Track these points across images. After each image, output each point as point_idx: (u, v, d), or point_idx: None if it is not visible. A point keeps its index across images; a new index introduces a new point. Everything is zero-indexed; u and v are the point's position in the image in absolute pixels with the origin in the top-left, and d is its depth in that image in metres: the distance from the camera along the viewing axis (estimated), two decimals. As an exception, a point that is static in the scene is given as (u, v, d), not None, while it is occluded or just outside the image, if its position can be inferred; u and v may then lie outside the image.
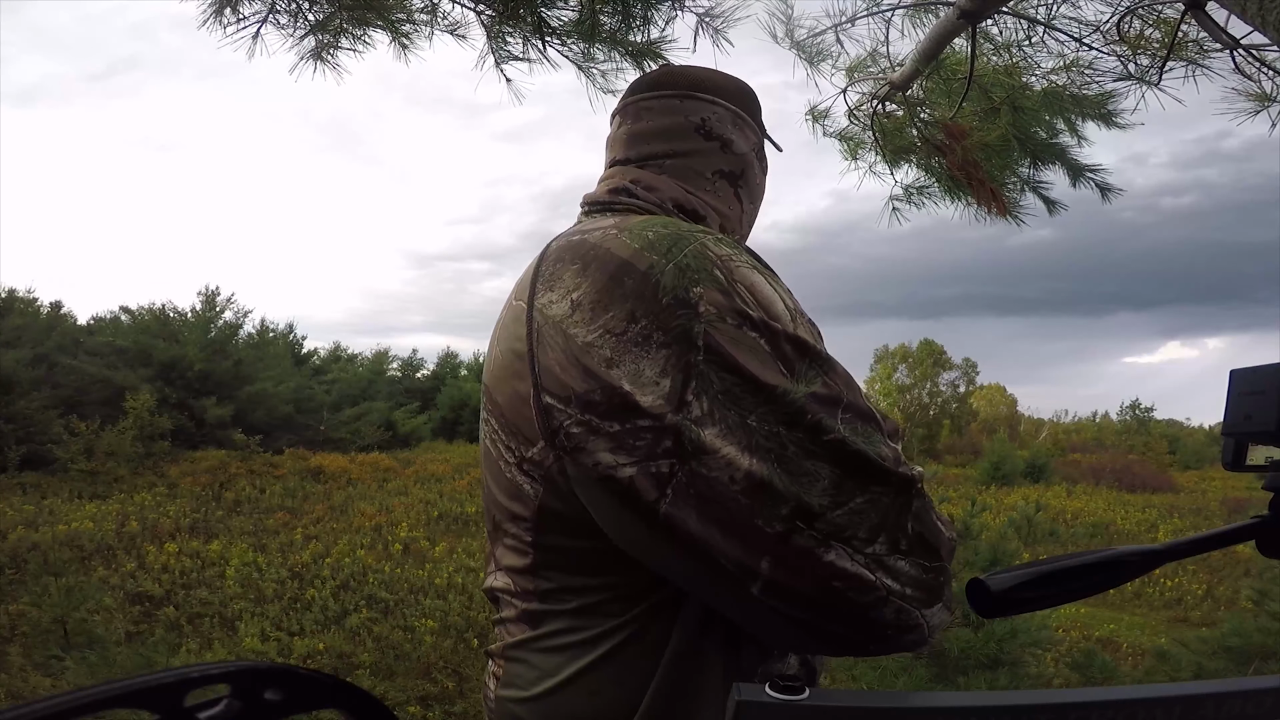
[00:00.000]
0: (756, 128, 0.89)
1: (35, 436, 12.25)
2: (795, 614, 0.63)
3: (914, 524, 0.64)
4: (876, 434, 0.65)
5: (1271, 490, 0.58)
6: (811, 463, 0.60)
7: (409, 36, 2.19)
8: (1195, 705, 0.51)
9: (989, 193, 2.49)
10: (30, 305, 16.02)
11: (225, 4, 2.01)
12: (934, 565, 0.65)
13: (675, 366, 0.60)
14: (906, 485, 0.64)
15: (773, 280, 0.68)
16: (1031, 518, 4.19)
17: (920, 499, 0.65)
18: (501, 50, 2.18)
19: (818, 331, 0.69)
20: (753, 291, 0.64)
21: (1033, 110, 2.43)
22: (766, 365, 0.61)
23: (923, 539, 0.65)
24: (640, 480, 0.60)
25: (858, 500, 0.61)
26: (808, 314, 0.70)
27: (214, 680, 0.36)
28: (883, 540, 0.62)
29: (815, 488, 0.60)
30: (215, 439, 14.43)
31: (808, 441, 0.60)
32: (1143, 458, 23.44)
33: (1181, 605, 9.40)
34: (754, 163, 0.88)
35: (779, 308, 0.65)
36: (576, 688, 0.71)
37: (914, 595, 0.64)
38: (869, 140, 2.76)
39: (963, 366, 31.46)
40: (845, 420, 0.63)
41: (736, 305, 0.62)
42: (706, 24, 2.07)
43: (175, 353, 15.07)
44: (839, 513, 0.60)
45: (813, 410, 0.61)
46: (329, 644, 6.28)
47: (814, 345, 0.65)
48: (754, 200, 0.90)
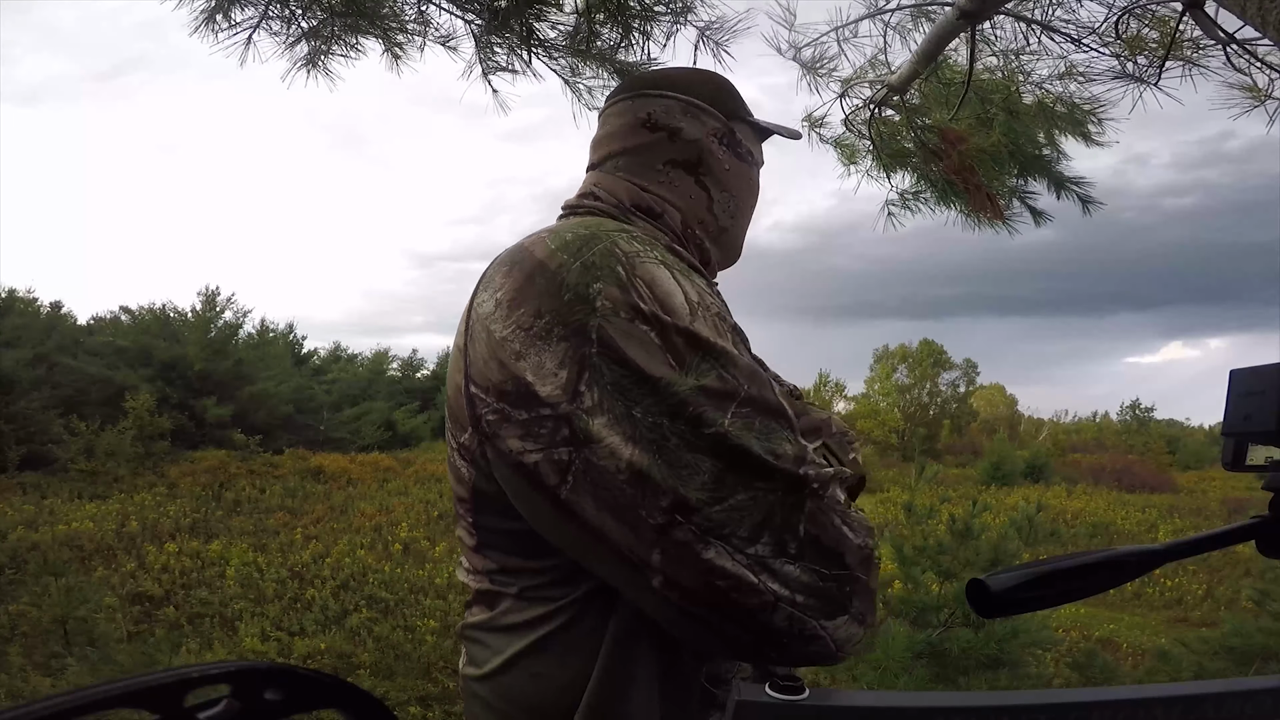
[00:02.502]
0: (722, 115, 0.86)
1: (35, 436, 12.26)
2: (693, 611, 0.63)
3: (807, 526, 0.62)
4: (781, 430, 0.63)
5: (1271, 490, 0.57)
6: (692, 455, 0.60)
7: (401, 46, 2.20)
8: (1195, 705, 0.51)
9: (984, 198, 2.49)
10: (30, 305, 16.03)
11: (217, 10, 2.01)
12: (836, 574, 0.63)
13: (572, 359, 0.62)
14: (796, 484, 0.62)
15: (681, 275, 0.68)
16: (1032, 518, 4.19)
17: (816, 500, 0.62)
18: (489, 61, 2.18)
19: (728, 327, 0.68)
20: (651, 287, 0.65)
21: (1026, 118, 2.45)
22: (654, 358, 0.62)
23: (818, 543, 0.62)
24: (544, 466, 0.63)
25: (739, 496, 0.60)
26: (730, 317, 0.70)
27: (214, 680, 0.36)
28: (766, 541, 0.61)
29: (694, 481, 0.60)
30: (215, 439, 14.44)
31: (689, 434, 0.61)
32: (1143, 458, 23.44)
33: (1182, 605, 9.41)
34: (714, 148, 0.85)
35: (676, 301, 0.65)
36: (520, 670, 0.73)
37: (808, 604, 0.62)
38: (865, 147, 2.77)
39: (963, 367, 31.49)
40: (739, 415, 0.62)
41: (631, 300, 0.63)
42: (708, 38, 2.06)
43: (175, 353, 15.08)
44: (718, 508, 0.60)
45: (696, 403, 0.61)
46: (329, 644, 6.28)
47: (708, 339, 0.64)
48: (727, 186, 0.86)
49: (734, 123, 0.88)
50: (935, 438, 28.60)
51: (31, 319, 15.31)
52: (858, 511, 0.69)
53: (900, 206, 2.90)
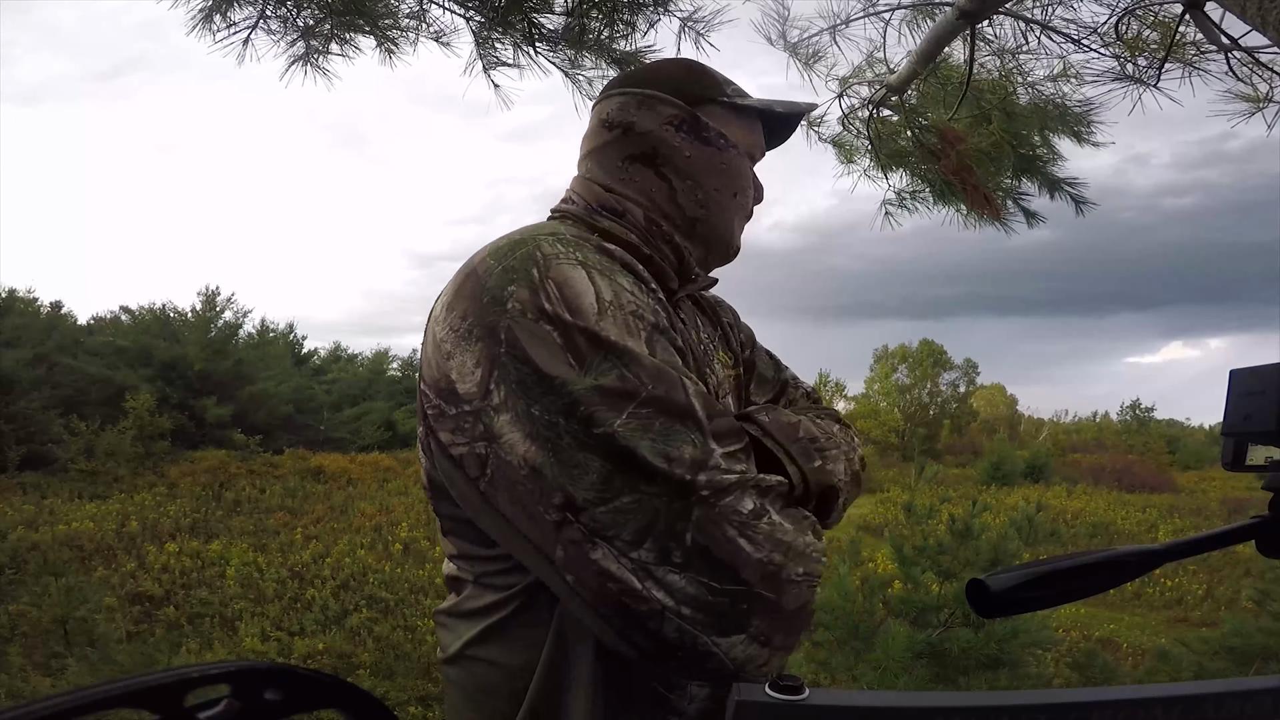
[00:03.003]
0: (684, 101, 0.84)
1: (35, 436, 12.26)
2: (601, 613, 0.63)
3: (695, 535, 0.60)
4: (685, 432, 0.62)
5: (1271, 490, 0.57)
6: (583, 455, 0.61)
7: (395, 43, 2.21)
8: (1195, 705, 0.51)
9: (982, 197, 2.50)
10: (30, 305, 16.03)
11: (215, 10, 2.01)
12: (728, 589, 0.60)
13: (485, 358, 0.65)
14: (683, 490, 0.60)
15: (600, 275, 0.68)
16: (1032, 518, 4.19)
17: (705, 508, 0.60)
18: (490, 56, 2.20)
19: (646, 325, 0.67)
20: (561, 287, 0.66)
21: (1023, 118, 2.45)
22: (555, 357, 0.63)
23: (707, 554, 0.60)
24: (468, 460, 0.67)
25: (624, 499, 0.60)
26: (652, 315, 0.69)
27: (214, 680, 0.36)
28: (649, 546, 0.60)
29: (583, 480, 0.61)
30: (215, 439, 14.44)
31: (581, 433, 0.61)
32: (1143, 458, 23.45)
33: (1182, 605, 9.41)
34: (670, 136, 0.82)
35: (584, 301, 0.65)
36: (476, 654, 0.76)
37: (694, 617, 0.60)
38: (863, 146, 2.78)
39: (963, 367, 31.50)
40: (637, 415, 0.61)
41: (539, 301, 0.65)
42: (689, 28, 2.08)
43: (175, 353, 15.08)
44: (603, 509, 0.61)
45: (589, 402, 0.61)
46: (329, 644, 6.28)
47: (610, 338, 0.64)
48: (691, 174, 0.83)
49: (702, 107, 0.85)
50: (935, 438, 28.60)
51: (31, 319, 15.31)
52: (797, 525, 0.66)
53: (898, 206, 2.90)
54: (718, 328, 0.95)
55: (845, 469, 0.79)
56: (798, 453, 0.73)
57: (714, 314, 0.96)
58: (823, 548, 0.69)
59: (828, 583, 4.04)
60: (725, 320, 0.97)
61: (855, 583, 4.11)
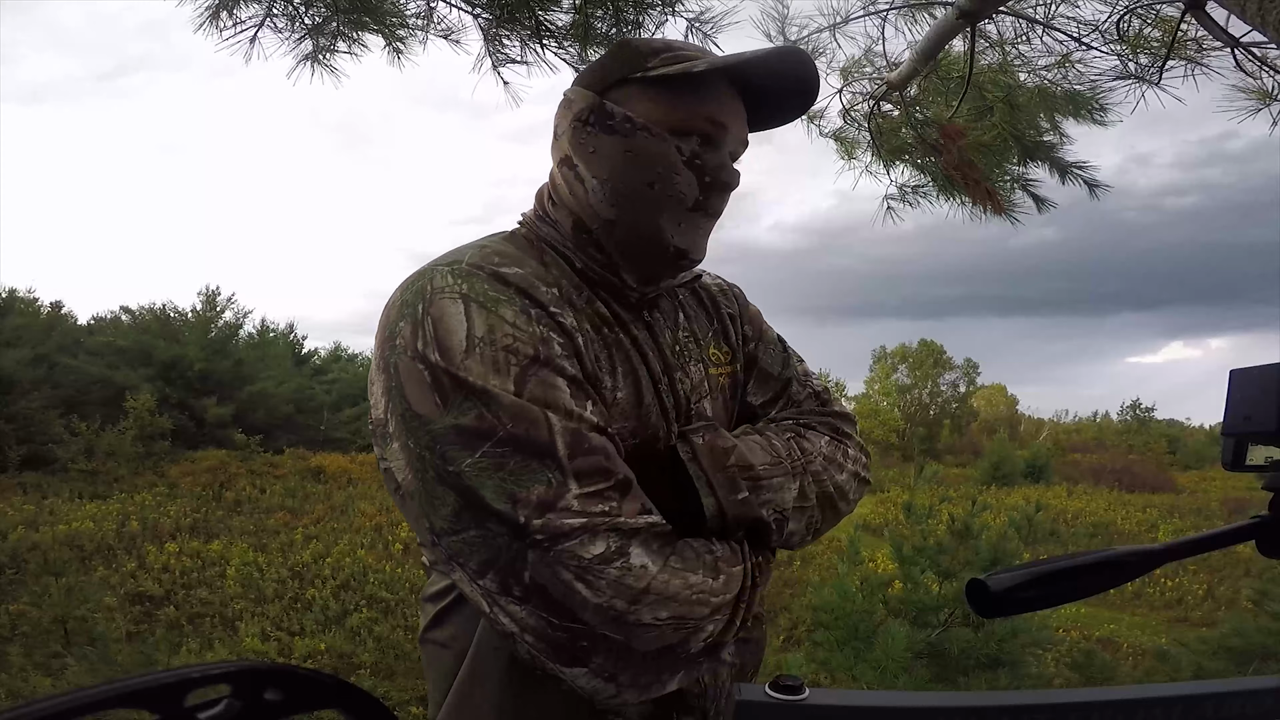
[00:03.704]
0: (594, 90, 0.77)
1: (35, 436, 12.26)
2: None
3: (533, 574, 0.62)
4: (541, 472, 0.63)
5: (1271, 490, 0.57)
6: (441, 488, 0.65)
7: (404, 41, 2.21)
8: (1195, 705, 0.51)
9: (984, 192, 2.50)
10: (30, 305, 16.03)
11: (221, 8, 2.02)
12: (569, 626, 0.63)
13: (384, 390, 0.69)
14: (518, 532, 0.62)
15: (480, 309, 0.68)
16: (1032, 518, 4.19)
17: (540, 551, 0.62)
18: (499, 54, 2.20)
19: (522, 360, 0.66)
20: (436, 324, 0.67)
21: (1026, 107, 2.44)
22: (424, 395, 0.66)
23: (544, 593, 0.62)
24: (388, 475, 0.71)
25: (471, 532, 0.64)
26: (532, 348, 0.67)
27: (214, 680, 0.36)
28: (492, 578, 0.64)
29: (440, 512, 0.65)
30: (215, 439, 14.43)
31: (439, 468, 0.65)
32: (1143, 458, 23.45)
33: (1182, 605, 9.41)
34: (577, 133, 0.77)
35: (453, 340, 0.66)
36: (429, 640, 0.81)
37: (536, 645, 0.64)
38: (864, 140, 2.77)
39: (963, 367, 31.51)
40: (490, 454, 0.63)
41: (415, 339, 0.67)
42: (696, 28, 2.08)
43: (176, 353, 15.08)
44: (454, 539, 0.65)
45: (445, 441, 0.64)
46: (330, 644, 6.28)
47: (469, 380, 0.64)
48: (597, 170, 0.76)
49: (613, 91, 0.77)
50: (935, 438, 28.60)
51: (32, 319, 15.32)
52: (684, 564, 0.66)
53: (900, 201, 2.90)
54: (714, 320, 0.90)
55: (796, 495, 0.76)
56: (720, 482, 0.71)
57: (714, 305, 0.91)
58: (720, 587, 0.68)
59: (827, 583, 4.04)
60: (727, 311, 0.91)
61: (855, 583, 4.11)
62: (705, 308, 0.90)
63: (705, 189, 0.77)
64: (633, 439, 0.75)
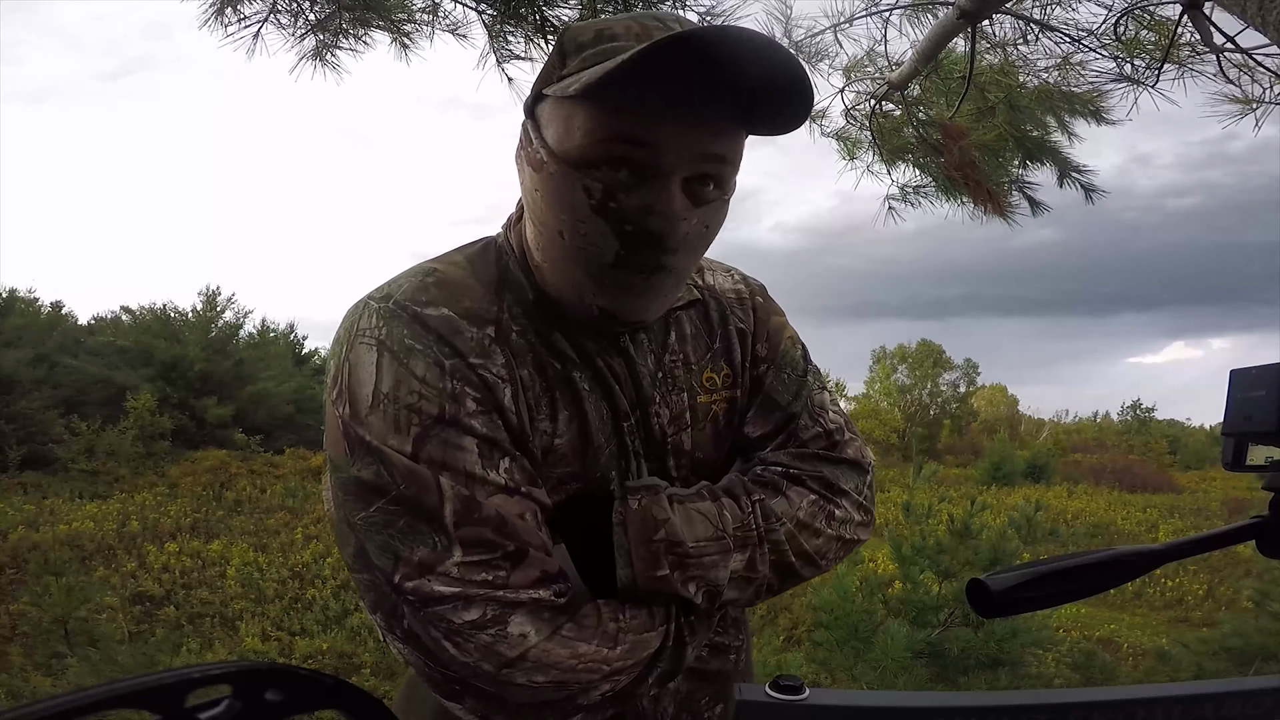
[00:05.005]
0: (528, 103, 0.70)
1: (36, 436, 12.26)
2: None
3: (410, 623, 0.64)
4: (426, 536, 0.62)
5: (1271, 490, 0.57)
6: (345, 528, 0.67)
7: (410, 36, 2.21)
8: (1195, 705, 0.51)
9: (985, 193, 2.50)
10: (31, 305, 16.02)
11: (226, 4, 2.02)
12: (440, 669, 0.65)
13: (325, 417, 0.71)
14: (394, 590, 0.64)
15: (392, 359, 0.65)
16: (1032, 518, 4.19)
17: (412, 609, 0.63)
18: (503, 50, 2.20)
19: (425, 419, 0.64)
20: (351, 373, 0.67)
21: (1028, 108, 2.45)
22: (336, 441, 0.67)
23: (419, 642, 0.65)
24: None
25: (363, 575, 0.67)
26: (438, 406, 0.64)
27: (215, 680, 0.36)
28: (381, 616, 0.67)
29: (346, 549, 0.68)
30: (216, 439, 14.44)
31: (344, 512, 0.67)
32: (1143, 458, 23.43)
33: (1182, 606, 9.40)
34: (524, 130, 0.69)
35: (362, 392, 0.66)
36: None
37: (422, 674, 0.67)
38: (866, 140, 2.78)
39: (963, 367, 31.49)
40: (384, 510, 0.64)
41: (334, 387, 0.68)
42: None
43: (176, 353, 15.07)
44: (356, 575, 0.68)
45: (347, 490, 0.66)
46: (330, 644, 6.28)
47: (368, 438, 0.64)
48: (526, 200, 0.70)
49: (538, 106, 0.67)
50: (935, 438, 28.60)
51: (32, 319, 15.31)
52: (577, 634, 0.63)
53: (901, 201, 2.91)
54: (717, 338, 0.80)
55: (743, 565, 0.70)
56: (641, 555, 0.67)
57: (720, 319, 0.81)
58: (616, 655, 0.65)
59: (827, 583, 4.04)
60: (736, 326, 0.81)
61: (855, 582, 4.11)
62: (710, 322, 0.80)
63: (627, 241, 0.62)
64: (574, 483, 0.72)
